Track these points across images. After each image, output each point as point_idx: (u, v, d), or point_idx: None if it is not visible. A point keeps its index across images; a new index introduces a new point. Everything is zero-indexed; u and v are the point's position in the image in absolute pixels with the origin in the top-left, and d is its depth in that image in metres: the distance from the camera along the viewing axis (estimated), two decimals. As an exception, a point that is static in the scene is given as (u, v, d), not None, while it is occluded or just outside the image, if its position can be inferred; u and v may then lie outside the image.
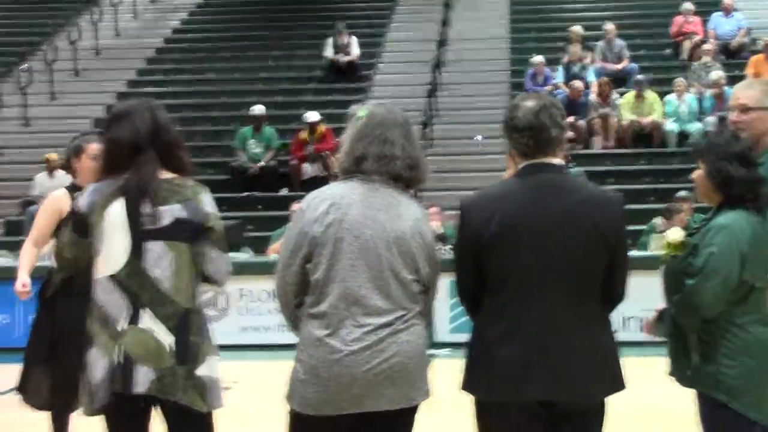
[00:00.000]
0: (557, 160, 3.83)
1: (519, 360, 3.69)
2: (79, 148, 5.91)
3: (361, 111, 3.96)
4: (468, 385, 3.84)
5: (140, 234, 3.93)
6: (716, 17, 18.73)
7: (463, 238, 3.85)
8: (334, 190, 3.89)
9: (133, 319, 3.91)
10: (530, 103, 3.82)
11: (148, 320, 3.91)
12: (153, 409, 4.02)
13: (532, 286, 3.71)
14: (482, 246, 3.74)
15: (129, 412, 3.99)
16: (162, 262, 3.93)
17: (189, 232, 3.97)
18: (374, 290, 3.76)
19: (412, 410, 3.88)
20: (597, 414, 3.81)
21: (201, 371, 3.96)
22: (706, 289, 4.05)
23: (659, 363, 4.43)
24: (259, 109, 16.35)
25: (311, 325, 3.80)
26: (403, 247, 3.80)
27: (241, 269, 9.44)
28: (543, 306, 3.70)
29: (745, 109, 4.53)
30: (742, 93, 4.60)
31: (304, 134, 15.99)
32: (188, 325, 3.95)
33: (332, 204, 3.81)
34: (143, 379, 3.87)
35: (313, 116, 15.97)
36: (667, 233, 4.30)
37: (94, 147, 5.68)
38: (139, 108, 4.10)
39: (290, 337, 4.04)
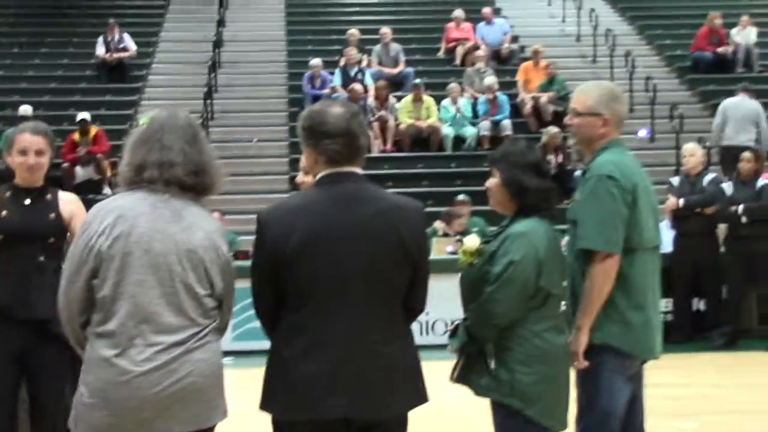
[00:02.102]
0: (359, 169, 3.73)
1: (319, 376, 3.58)
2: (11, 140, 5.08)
3: (144, 118, 3.78)
4: (266, 405, 3.71)
5: None
6: (482, 27, 19.17)
7: (260, 254, 3.69)
8: (120, 201, 3.66)
9: None
10: (339, 110, 3.72)
11: None
12: None
13: (333, 300, 3.60)
14: (282, 261, 3.60)
15: None
16: None
17: None
18: (166, 306, 3.56)
19: (208, 431, 3.70)
20: (399, 427, 3.74)
21: None
22: (503, 297, 4.07)
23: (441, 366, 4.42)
24: (25, 110, 15.59)
25: (98, 344, 3.56)
26: (195, 261, 3.61)
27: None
28: (344, 321, 3.60)
29: (576, 113, 4.55)
30: (576, 96, 4.62)
31: (76, 136, 15.35)
32: None
33: (119, 216, 3.59)
34: None
35: (84, 115, 15.35)
36: (464, 240, 4.29)
37: (26, 138, 4.95)
38: None
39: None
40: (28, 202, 4.99)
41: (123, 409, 3.50)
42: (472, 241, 4.24)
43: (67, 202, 5.07)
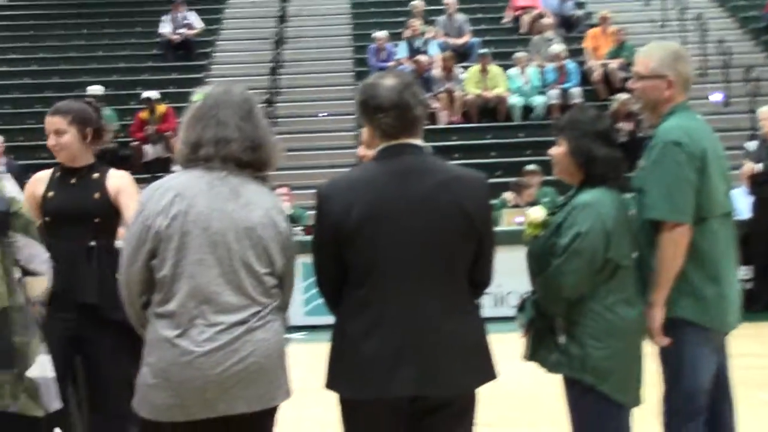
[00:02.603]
0: (419, 141, 3.63)
1: (385, 354, 3.49)
2: None
3: (197, 95, 3.70)
4: (332, 383, 3.63)
5: None
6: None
7: (321, 230, 3.62)
8: (178, 179, 3.60)
9: None
10: (391, 81, 3.62)
11: None
12: None
13: (397, 275, 3.51)
14: (343, 237, 3.52)
15: None
16: None
17: None
18: (226, 286, 3.50)
19: (272, 411, 3.65)
20: (468, 405, 3.65)
21: (32, 372, 3.59)
22: (570, 270, 3.95)
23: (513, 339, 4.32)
24: (94, 90, 15.70)
25: (159, 325, 3.52)
26: (254, 239, 3.55)
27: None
28: (408, 296, 3.51)
29: (639, 77, 4.37)
30: (638, 59, 4.43)
31: (144, 114, 15.46)
32: (8, 325, 3.57)
33: (177, 195, 3.53)
34: None
35: (151, 94, 15.44)
36: (528, 212, 4.17)
37: (47, 120, 4.95)
38: None
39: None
40: (73, 182, 4.88)
41: (185, 390, 3.46)
42: (537, 213, 4.12)
43: (115, 178, 4.93)
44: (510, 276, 5.86)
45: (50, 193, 4.86)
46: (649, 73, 4.32)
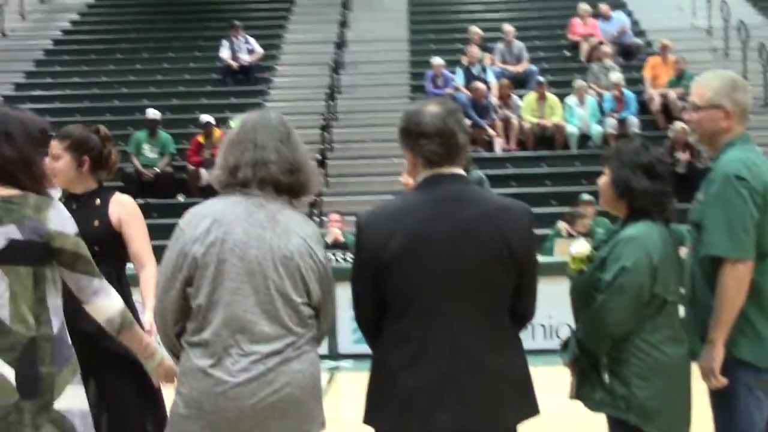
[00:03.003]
0: (460, 170, 3.57)
1: (426, 388, 3.42)
2: None
3: (234, 121, 3.71)
4: (371, 419, 3.56)
5: None
6: (600, 23, 18.72)
7: (360, 259, 3.56)
8: (215, 206, 3.58)
9: None
10: (435, 108, 3.56)
11: None
12: None
13: (437, 307, 3.44)
14: (382, 267, 3.46)
15: None
16: None
17: (29, 254, 3.52)
18: (262, 315, 3.46)
19: None
20: None
21: (60, 404, 3.55)
22: (615, 305, 3.86)
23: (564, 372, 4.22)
24: (153, 113, 15.85)
25: (193, 354, 3.49)
26: (291, 268, 3.50)
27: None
28: (450, 328, 3.44)
29: (695, 107, 4.26)
30: (694, 88, 4.31)
31: (201, 138, 15.56)
32: (36, 355, 3.50)
33: (214, 221, 3.50)
34: None
35: (209, 118, 15.55)
36: (572, 246, 4.08)
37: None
38: None
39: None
40: (74, 207, 4.71)
41: (219, 421, 3.42)
42: (582, 247, 4.04)
43: (117, 204, 4.81)
44: (561, 307, 5.75)
45: None
46: (705, 103, 4.20)
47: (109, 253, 4.73)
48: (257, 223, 3.51)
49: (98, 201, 4.83)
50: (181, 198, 15.39)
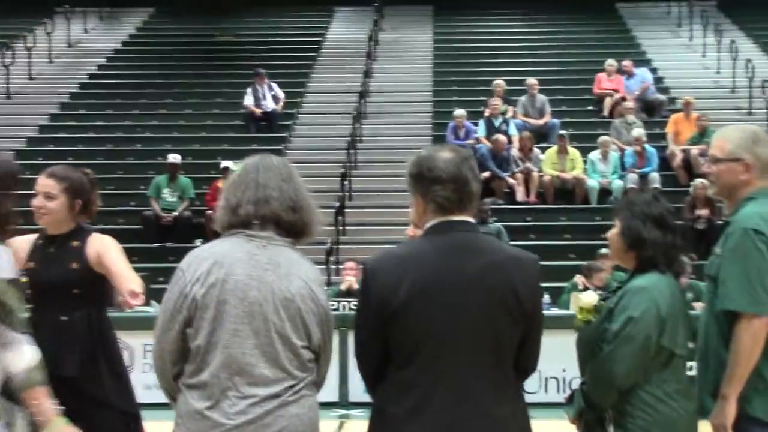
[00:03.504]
0: (471, 218, 3.50)
1: None
2: None
3: (236, 165, 3.71)
4: None
5: None
6: (624, 80, 18.77)
7: (367, 305, 3.45)
8: (215, 248, 3.54)
9: None
10: (448, 155, 3.49)
11: None
12: None
13: (443, 356, 3.36)
14: (389, 313, 3.37)
15: None
16: None
17: None
18: (261, 357, 3.40)
19: None
20: None
21: None
22: (622, 356, 3.78)
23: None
24: (174, 158, 15.92)
25: (190, 396, 3.43)
26: (292, 310, 3.45)
27: (147, 323, 8.95)
28: (456, 377, 3.36)
29: (714, 160, 4.20)
30: (714, 141, 4.26)
31: (219, 183, 15.57)
32: None
33: (215, 263, 3.46)
34: None
35: (229, 164, 15.58)
36: (580, 296, 4.02)
37: (39, 181, 4.82)
38: None
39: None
40: (52, 250, 4.75)
41: None
42: (589, 297, 3.98)
43: (95, 243, 4.76)
44: (575, 361, 5.67)
45: (30, 264, 4.73)
46: (725, 156, 4.15)
47: (89, 296, 4.70)
48: (259, 264, 3.46)
49: (76, 243, 4.78)
50: (198, 242, 15.37)
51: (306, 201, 3.61)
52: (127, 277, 4.61)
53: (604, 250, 12.67)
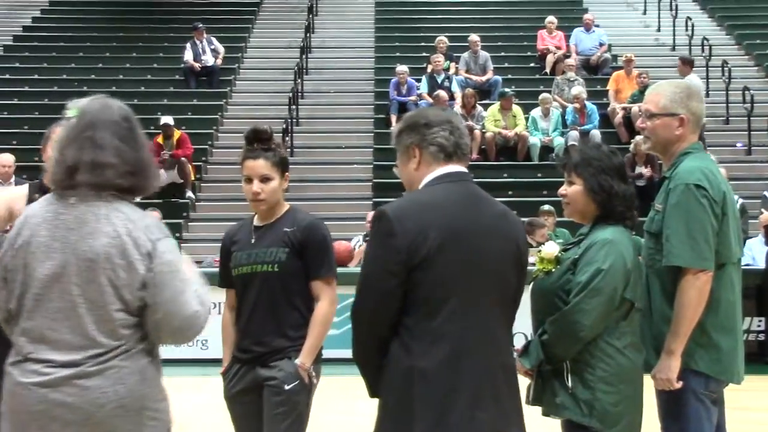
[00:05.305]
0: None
1: (466, 389, 3.25)
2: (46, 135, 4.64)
3: (72, 110, 3.32)
4: (402, 423, 3.27)
5: None
6: (578, 33, 18.93)
7: (393, 252, 3.27)
8: (32, 208, 3.31)
9: None
10: (437, 109, 3.60)
11: None
12: None
13: (471, 304, 3.29)
14: (418, 261, 3.25)
15: None
16: None
17: None
18: (64, 323, 3.17)
19: None
20: None
21: None
22: (590, 307, 3.77)
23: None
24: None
25: (9, 353, 3.28)
26: (97, 271, 3.17)
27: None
28: (483, 327, 3.32)
29: (649, 114, 4.19)
30: (648, 96, 4.26)
31: (160, 139, 15.38)
32: None
33: (24, 224, 3.24)
34: None
35: (168, 120, 15.39)
36: (542, 247, 3.99)
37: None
38: None
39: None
40: None
41: (13, 420, 3.21)
42: (551, 248, 3.95)
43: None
44: (519, 318, 5.67)
45: None
46: (660, 110, 4.15)
47: None
48: (64, 224, 3.21)
49: None
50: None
51: (145, 162, 3.31)
52: None
53: (546, 207, 12.77)
